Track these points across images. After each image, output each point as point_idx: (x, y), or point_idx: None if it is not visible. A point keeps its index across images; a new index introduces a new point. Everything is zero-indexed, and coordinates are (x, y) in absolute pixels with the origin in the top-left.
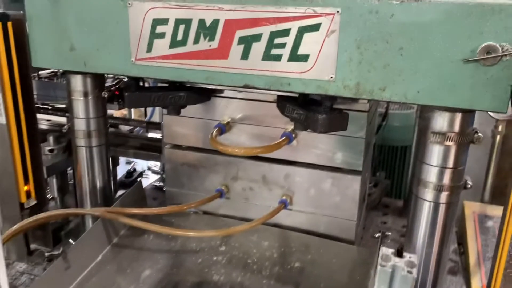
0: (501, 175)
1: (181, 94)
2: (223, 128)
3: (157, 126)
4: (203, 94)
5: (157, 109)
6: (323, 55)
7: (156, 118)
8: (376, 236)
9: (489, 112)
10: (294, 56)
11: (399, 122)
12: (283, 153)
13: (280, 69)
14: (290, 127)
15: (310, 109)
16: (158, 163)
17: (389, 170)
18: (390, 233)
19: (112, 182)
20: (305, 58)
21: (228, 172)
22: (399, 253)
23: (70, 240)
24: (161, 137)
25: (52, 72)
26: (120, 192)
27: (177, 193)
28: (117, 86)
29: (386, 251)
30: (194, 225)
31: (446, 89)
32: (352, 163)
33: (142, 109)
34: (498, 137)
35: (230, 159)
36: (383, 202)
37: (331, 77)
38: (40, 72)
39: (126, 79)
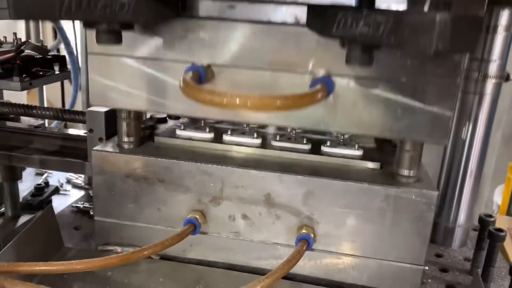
0: None
1: None
2: (203, 73)
3: (82, 118)
4: (168, 3)
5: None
6: None
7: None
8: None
9: None
10: None
11: None
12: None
13: None
14: (321, 70)
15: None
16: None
17: None
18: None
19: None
20: None
21: (205, 189)
22: None
23: None
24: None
25: None
26: (23, 219)
27: (114, 226)
28: (19, 52)
29: None
30: (149, 282)
31: None
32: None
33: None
34: None
35: (209, 167)
36: None
37: None
38: None
39: None
